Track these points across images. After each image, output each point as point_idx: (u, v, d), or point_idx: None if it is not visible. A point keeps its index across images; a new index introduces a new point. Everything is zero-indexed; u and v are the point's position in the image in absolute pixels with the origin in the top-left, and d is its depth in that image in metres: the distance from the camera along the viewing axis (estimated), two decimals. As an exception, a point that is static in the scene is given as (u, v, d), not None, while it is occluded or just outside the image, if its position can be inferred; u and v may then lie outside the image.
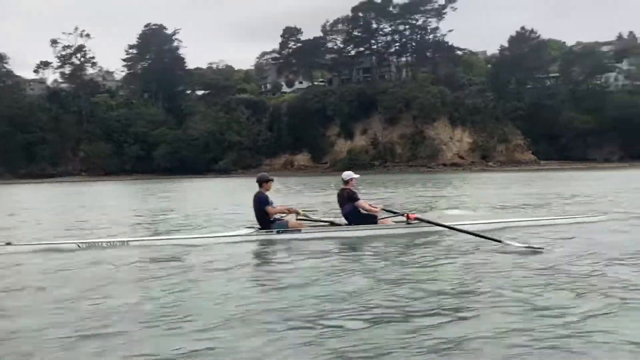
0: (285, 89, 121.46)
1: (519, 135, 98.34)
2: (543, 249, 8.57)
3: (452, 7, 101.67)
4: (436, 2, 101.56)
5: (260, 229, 10.80)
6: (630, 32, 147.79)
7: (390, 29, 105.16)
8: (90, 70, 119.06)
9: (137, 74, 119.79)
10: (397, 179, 50.48)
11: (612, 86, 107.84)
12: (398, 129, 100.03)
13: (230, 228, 12.24)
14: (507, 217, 12.79)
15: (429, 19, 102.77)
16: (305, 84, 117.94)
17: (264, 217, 10.74)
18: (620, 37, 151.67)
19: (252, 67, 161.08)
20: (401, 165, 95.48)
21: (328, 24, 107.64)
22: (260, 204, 10.74)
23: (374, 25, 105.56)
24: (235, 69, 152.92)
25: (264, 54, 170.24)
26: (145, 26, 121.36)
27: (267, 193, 10.88)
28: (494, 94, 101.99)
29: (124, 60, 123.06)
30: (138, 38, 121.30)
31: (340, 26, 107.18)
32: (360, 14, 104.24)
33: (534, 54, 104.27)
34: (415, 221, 10.78)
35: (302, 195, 30.51)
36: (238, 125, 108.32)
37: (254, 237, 10.60)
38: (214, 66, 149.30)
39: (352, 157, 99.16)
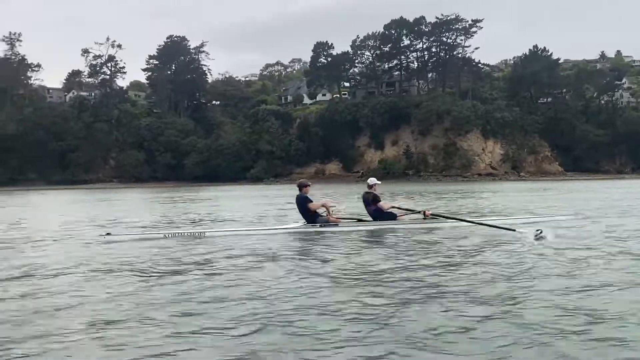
0: (306, 100, 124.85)
1: (547, 147, 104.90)
2: (545, 237, 9.94)
3: (478, 26, 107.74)
4: (466, 21, 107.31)
5: (306, 223, 12.75)
6: (618, 52, 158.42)
7: (421, 46, 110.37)
8: (119, 80, 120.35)
9: (160, 84, 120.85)
10: (451, 188, 49.42)
11: (619, 103, 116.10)
12: (429, 140, 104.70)
13: (285, 222, 14.53)
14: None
15: (458, 37, 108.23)
16: (328, 96, 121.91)
17: (307, 213, 12.79)
18: (603, 55, 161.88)
19: (256, 79, 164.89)
20: (435, 174, 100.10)
21: (359, 39, 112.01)
22: (303, 202, 12.85)
23: (405, 42, 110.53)
24: (236, 79, 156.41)
25: (267, 65, 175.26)
26: (167, 38, 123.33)
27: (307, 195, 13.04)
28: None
29: (144, 70, 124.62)
30: (159, 49, 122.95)
31: (370, 42, 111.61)
32: (393, 31, 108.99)
33: (549, 71, 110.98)
34: (431, 217, 12.61)
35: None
36: (269, 135, 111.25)
37: (303, 229, 12.54)
38: (221, 77, 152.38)
39: (385, 166, 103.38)
